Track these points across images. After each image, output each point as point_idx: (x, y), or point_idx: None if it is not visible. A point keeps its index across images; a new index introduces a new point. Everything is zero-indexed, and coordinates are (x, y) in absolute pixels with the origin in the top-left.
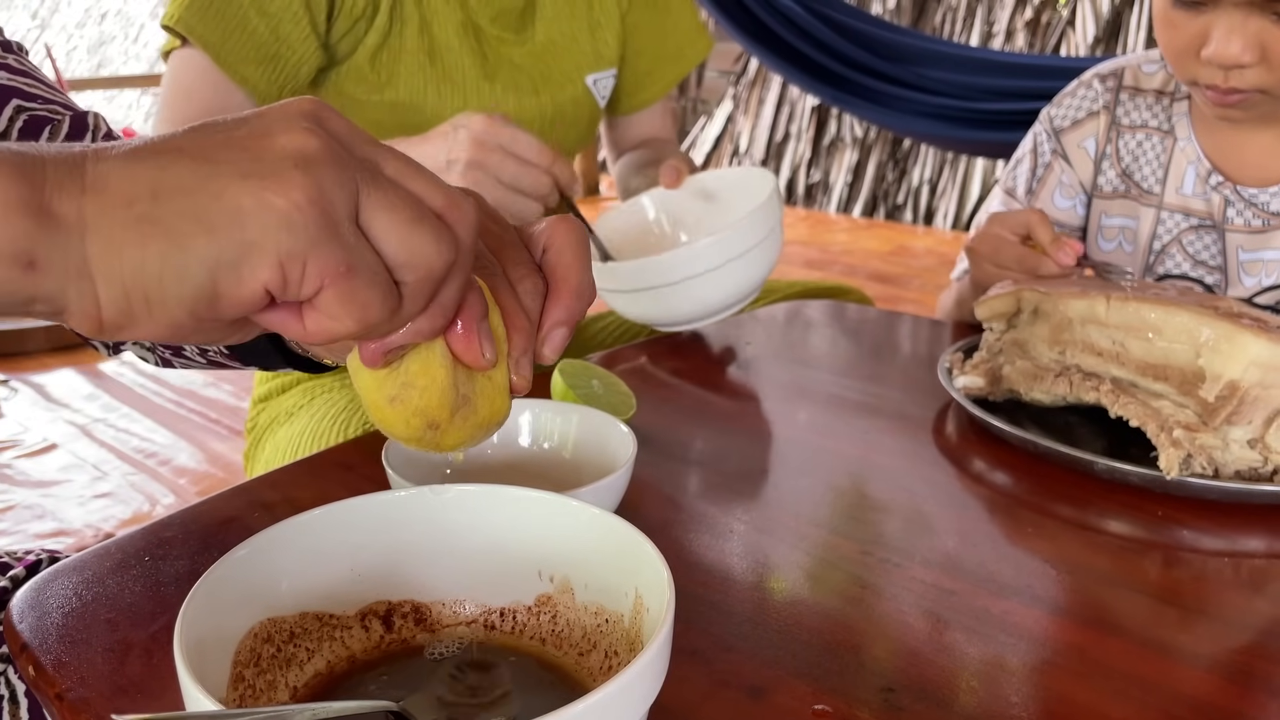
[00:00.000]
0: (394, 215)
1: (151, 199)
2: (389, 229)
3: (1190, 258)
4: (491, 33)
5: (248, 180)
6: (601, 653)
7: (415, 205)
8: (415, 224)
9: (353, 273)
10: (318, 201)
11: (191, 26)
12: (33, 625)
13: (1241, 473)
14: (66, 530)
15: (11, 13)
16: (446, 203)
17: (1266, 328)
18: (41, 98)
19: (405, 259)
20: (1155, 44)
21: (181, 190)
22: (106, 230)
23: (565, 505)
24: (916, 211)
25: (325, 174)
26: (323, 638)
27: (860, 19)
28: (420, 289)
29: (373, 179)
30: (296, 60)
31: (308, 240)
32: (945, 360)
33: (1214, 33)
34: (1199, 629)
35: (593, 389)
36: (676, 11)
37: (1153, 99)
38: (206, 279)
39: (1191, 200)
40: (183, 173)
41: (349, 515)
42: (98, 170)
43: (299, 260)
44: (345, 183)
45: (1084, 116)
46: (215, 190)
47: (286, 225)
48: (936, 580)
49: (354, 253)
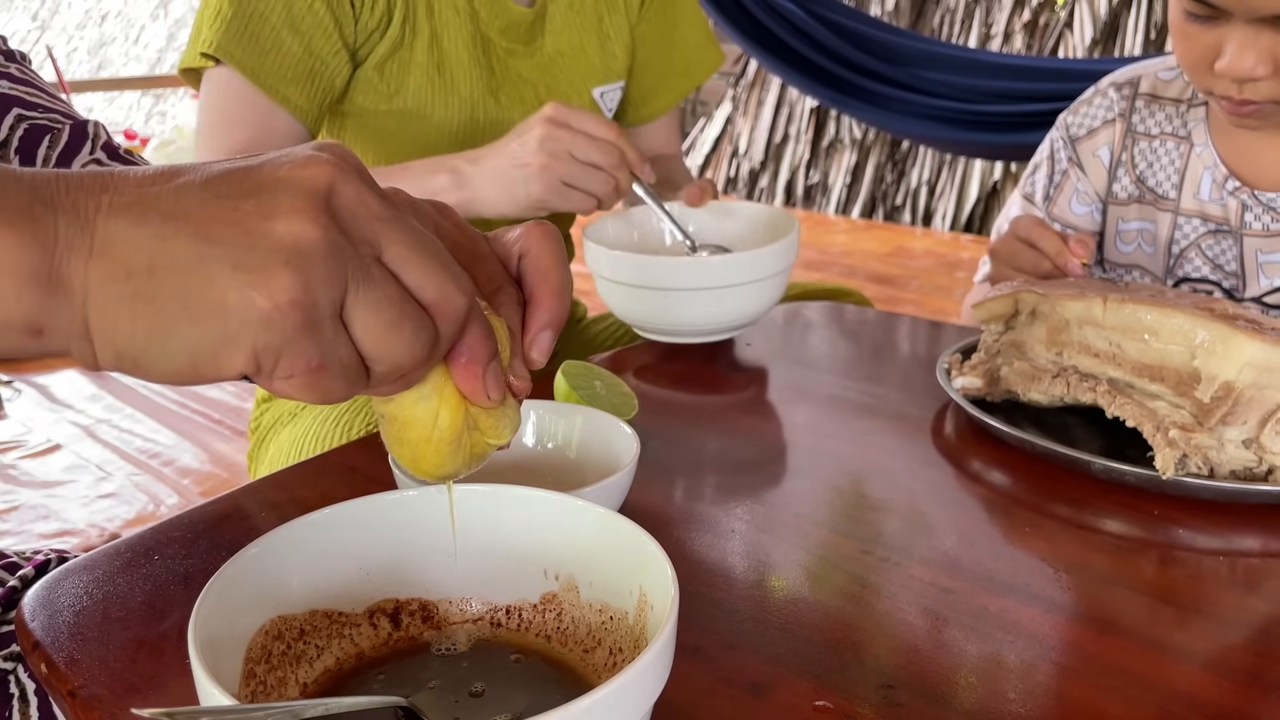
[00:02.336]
0: (376, 317)
1: (148, 275)
2: (368, 329)
3: (1209, 261)
4: (501, 45)
5: (237, 273)
6: (606, 650)
7: (399, 306)
8: (394, 328)
9: (323, 369)
10: (300, 302)
11: (230, 52)
12: (44, 624)
13: (1236, 472)
14: (71, 530)
15: (12, 14)
16: (437, 296)
17: (1261, 330)
18: (42, 106)
19: (378, 355)
20: (1153, 46)
21: (176, 270)
22: (105, 301)
23: (570, 504)
24: (915, 213)
25: (315, 272)
26: (332, 635)
27: (859, 20)
28: (387, 378)
29: (364, 275)
30: (330, 74)
31: (283, 339)
32: (944, 361)
33: (1227, 46)
34: (1195, 627)
35: (595, 390)
36: (686, 25)
37: (1170, 106)
38: (186, 360)
39: (1208, 205)
40: (181, 249)
41: (358, 515)
42: (106, 231)
43: (273, 354)
44: (334, 280)
45: (1099, 125)
46: (206, 277)
47: (265, 324)
48: (935, 579)
49: (327, 349)
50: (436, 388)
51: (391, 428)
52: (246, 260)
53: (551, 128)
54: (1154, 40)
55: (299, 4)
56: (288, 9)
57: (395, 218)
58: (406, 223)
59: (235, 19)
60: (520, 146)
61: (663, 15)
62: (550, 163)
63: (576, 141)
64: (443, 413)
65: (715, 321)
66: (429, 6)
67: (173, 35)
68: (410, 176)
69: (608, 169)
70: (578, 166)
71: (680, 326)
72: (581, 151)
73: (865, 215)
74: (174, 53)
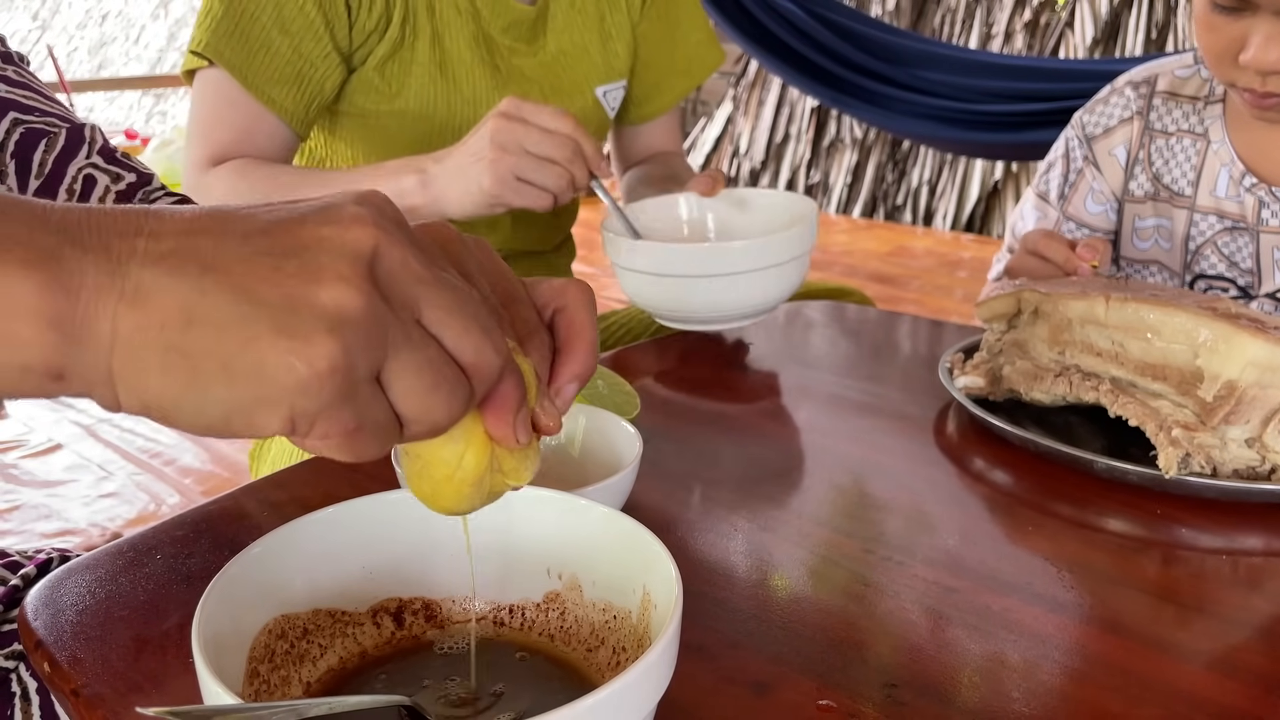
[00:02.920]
0: (417, 381)
1: (183, 327)
2: (408, 393)
3: (1225, 259)
4: (503, 43)
5: (279, 337)
6: (610, 649)
7: (439, 370)
8: (433, 391)
9: (359, 431)
10: (340, 369)
11: (219, 51)
12: (47, 622)
13: (1239, 471)
14: (72, 530)
15: (12, 14)
16: (475, 359)
17: (1264, 328)
18: (39, 110)
19: (415, 417)
20: (1154, 46)
21: (214, 326)
22: (135, 351)
23: (573, 504)
24: (916, 212)
25: (356, 339)
26: (335, 634)
27: (859, 21)
28: (422, 435)
29: (405, 340)
30: (320, 77)
31: (320, 405)
32: (946, 360)
33: (1253, 39)
34: (1197, 626)
35: (598, 389)
36: (687, 23)
37: (1187, 103)
38: (220, 417)
39: (1225, 202)
40: (220, 304)
41: (362, 514)
42: (140, 278)
43: (309, 419)
44: (375, 347)
45: (1116, 124)
46: (246, 337)
47: (304, 391)
48: (938, 578)
49: (364, 413)
50: (465, 430)
51: (414, 465)
52: (288, 325)
53: (503, 121)
54: (1155, 40)
55: (289, 5)
56: (278, 10)
57: (436, 280)
58: (447, 283)
59: (225, 18)
60: (476, 141)
61: (664, 14)
62: (500, 155)
63: (529, 134)
64: (469, 455)
65: (737, 307)
66: (429, 6)
67: (173, 35)
68: (383, 176)
69: (562, 163)
70: (530, 160)
71: (703, 313)
72: (534, 145)
73: (866, 215)
74: (174, 53)
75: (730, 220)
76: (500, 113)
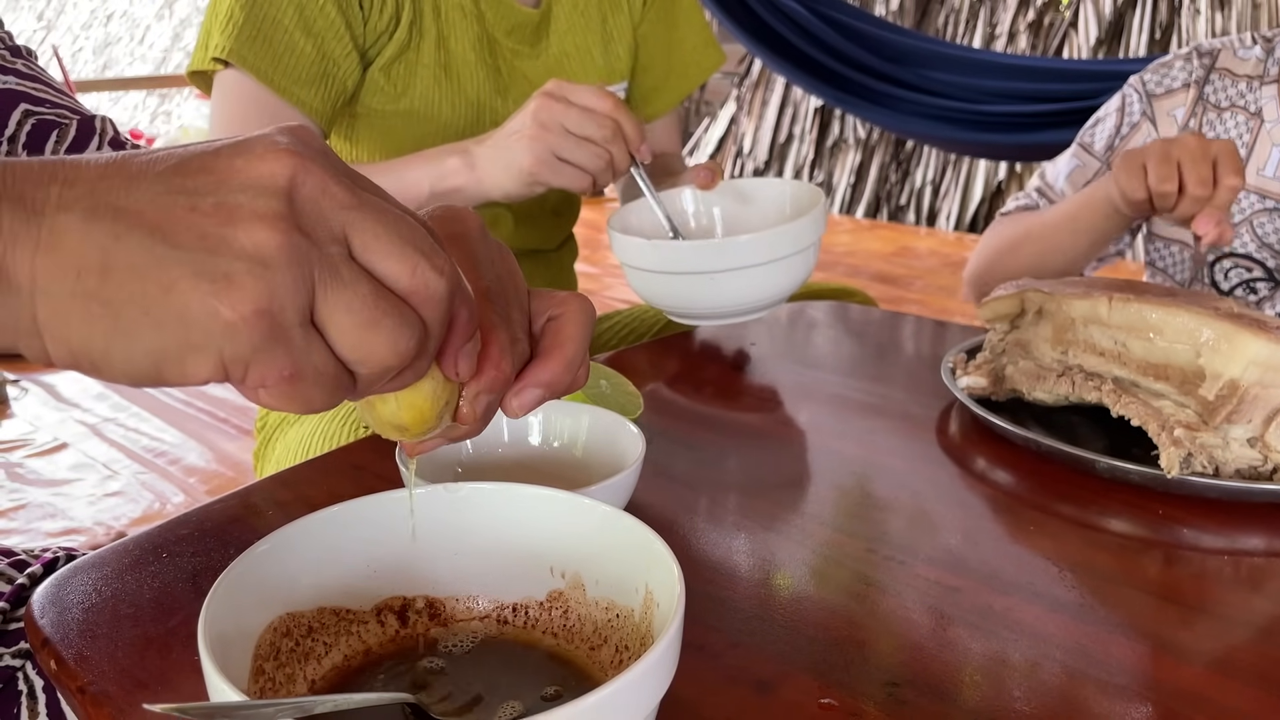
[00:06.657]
0: (350, 318)
1: (101, 274)
2: (343, 332)
3: (1258, 239)
4: (507, 45)
5: (199, 280)
6: (612, 647)
7: (374, 303)
8: (371, 327)
9: (297, 377)
10: (266, 312)
11: (244, 56)
12: (54, 620)
13: (1241, 471)
14: (77, 529)
15: (17, 14)
16: (412, 283)
17: (1266, 328)
18: (50, 102)
19: (359, 358)
20: (1158, 46)
21: (132, 271)
22: (55, 299)
23: (577, 503)
24: (919, 212)
25: (280, 278)
26: (340, 632)
27: (863, 20)
28: (374, 379)
29: (332, 276)
30: (343, 76)
31: (251, 348)
32: (948, 360)
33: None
34: (1199, 626)
35: (601, 389)
36: (686, 25)
37: (1242, 82)
38: (149, 365)
39: (1270, 183)
40: (135, 249)
41: (366, 512)
42: (55, 223)
43: (241, 364)
44: (301, 285)
45: (1178, 87)
46: (165, 282)
47: (231, 334)
48: (940, 577)
49: (300, 357)
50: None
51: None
52: (208, 268)
53: (546, 100)
54: (1159, 40)
55: (311, 7)
56: (300, 12)
57: (360, 203)
58: (373, 205)
59: (247, 24)
60: (518, 120)
61: (663, 15)
62: (540, 133)
63: (570, 114)
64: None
65: (749, 301)
66: (435, 8)
67: (178, 35)
68: (424, 161)
69: (601, 143)
70: (569, 139)
71: (714, 309)
72: (575, 124)
73: (870, 215)
74: (179, 53)
75: (736, 213)
76: (544, 92)
